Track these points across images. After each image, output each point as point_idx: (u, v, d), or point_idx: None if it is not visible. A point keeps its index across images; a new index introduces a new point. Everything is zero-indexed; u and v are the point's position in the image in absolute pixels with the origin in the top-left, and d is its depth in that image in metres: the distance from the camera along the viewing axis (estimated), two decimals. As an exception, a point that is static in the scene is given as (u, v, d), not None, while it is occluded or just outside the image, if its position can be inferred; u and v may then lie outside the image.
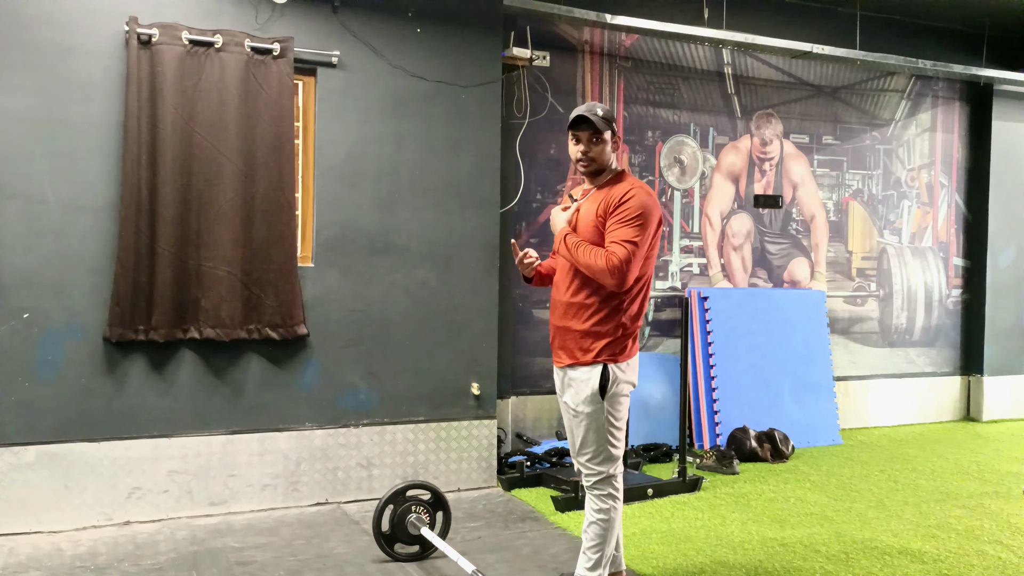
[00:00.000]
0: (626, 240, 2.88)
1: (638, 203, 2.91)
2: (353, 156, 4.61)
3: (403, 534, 3.67)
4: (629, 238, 2.88)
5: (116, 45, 4.09)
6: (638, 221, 2.90)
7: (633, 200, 2.92)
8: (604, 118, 2.99)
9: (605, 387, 2.98)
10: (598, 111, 2.99)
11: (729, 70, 6.43)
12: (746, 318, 6.27)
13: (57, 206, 4.01)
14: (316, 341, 4.53)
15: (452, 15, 4.81)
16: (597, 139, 3.00)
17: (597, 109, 2.99)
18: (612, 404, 3.01)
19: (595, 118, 2.96)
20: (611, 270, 2.87)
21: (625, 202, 2.92)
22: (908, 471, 5.50)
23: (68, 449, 4.05)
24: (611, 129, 3.02)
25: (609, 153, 3.04)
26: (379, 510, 3.64)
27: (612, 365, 2.99)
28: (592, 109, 2.99)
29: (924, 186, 7.28)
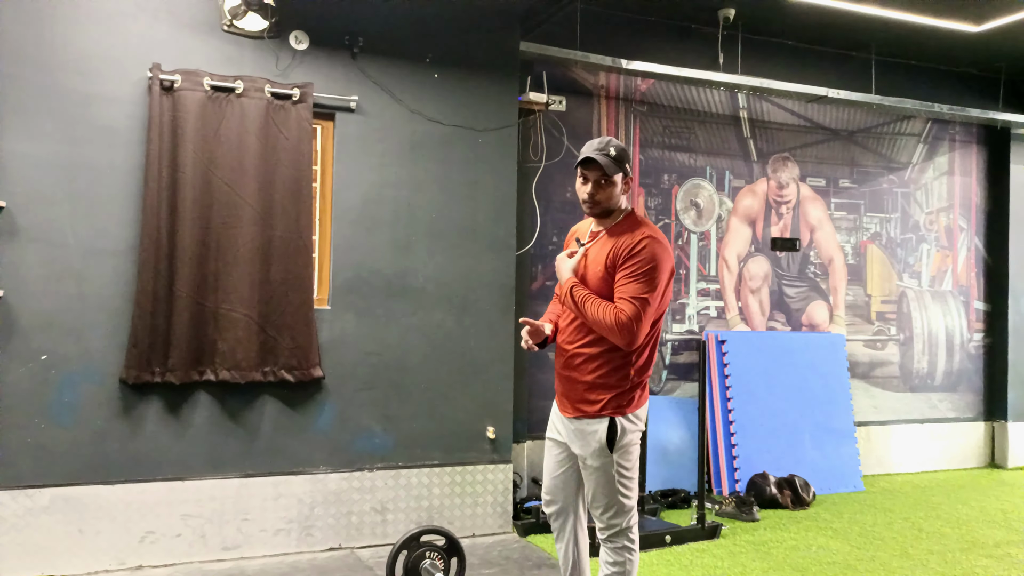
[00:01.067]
0: (635, 296, 2.71)
1: (649, 255, 2.74)
2: (370, 199, 4.64)
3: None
4: (639, 294, 2.71)
5: (139, 91, 4.16)
6: (649, 275, 2.73)
7: (644, 252, 2.74)
8: (616, 159, 2.82)
9: (613, 440, 2.83)
10: (611, 150, 2.82)
11: (745, 114, 6.46)
12: (765, 362, 6.21)
13: (77, 249, 4.06)
14: (331, 384, 4.52)
15: (469, 61, 4.87)
16: (606, 181, 2.83)
17: (611, 148, 2.83)
18: (622, 456, 2.86)
19: (605, 160, 2.79)
20: (620, 328, 2.70)
21: (636, 254, 2.74)
22: (932, 519, 5.39)
23: (83, 492, 4.03)
24: (623, 171, 2.85)
25: (618, 196, 2.87)
26: (393, 556, 3.59)
27: (619, 418, 2.84)
28: (605, 148, 2.83)
29: (943, 229, 7.24)
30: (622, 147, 2.86)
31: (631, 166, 2.91)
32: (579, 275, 2.91)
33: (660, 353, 6.12)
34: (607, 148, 2.83)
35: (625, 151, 2.87)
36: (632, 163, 2.94)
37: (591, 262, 2.88)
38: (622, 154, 2.84)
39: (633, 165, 6.02)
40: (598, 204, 2.86)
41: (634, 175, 2.96)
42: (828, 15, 5.83)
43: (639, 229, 2.82)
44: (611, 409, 2.83)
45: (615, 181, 2.84)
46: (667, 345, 6.16)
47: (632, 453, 2.91)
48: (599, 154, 2.81)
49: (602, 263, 2.83)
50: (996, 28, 5.99)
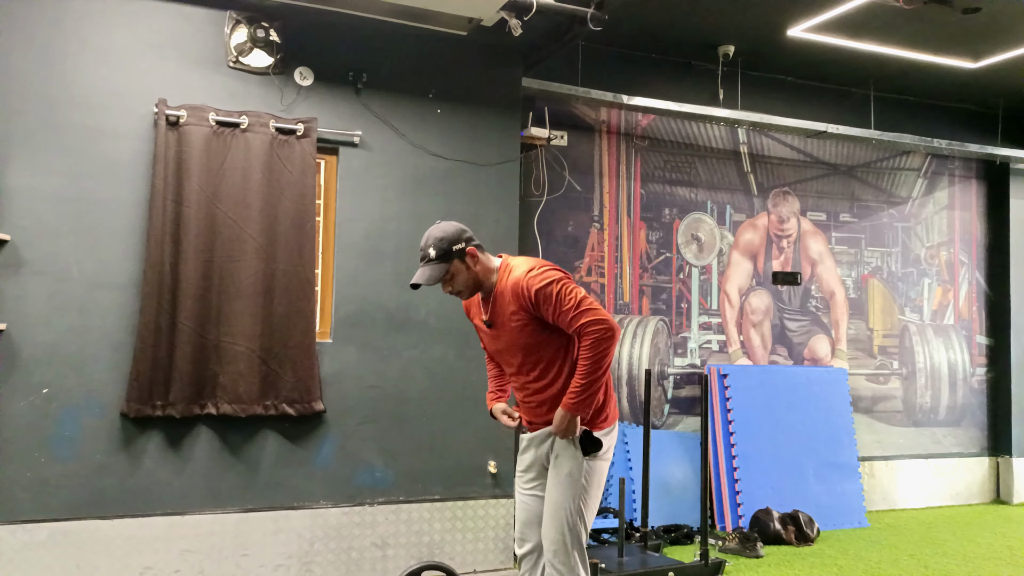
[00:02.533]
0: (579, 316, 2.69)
1: (546, 290, 2.72)
2: (373, 233, 4.66)
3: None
4: (578, 311, 2.69)
5: (145, 126, 4.20)
6: (564, 296, 2.71)
7: (541, 291, 2.72)
8: (439, 257, 2.77)
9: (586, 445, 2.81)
10: (431, 252, 2.78)
11: (745, 149, 6.50)
12: (767, 396, 6.19)
13: (81, 282, 4.07)
14: (332, 417, 4.50)
15: (472, 96, 4.92)
16: (451, 275, 2.82)
17: (430, 251, 2.78)
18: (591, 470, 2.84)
19: (428, 272, 2.78)
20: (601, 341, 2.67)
21: (538, 299, 2.73)
22: (939, 556, 5.33)
23: (81, 527, 4.00)
24: (457, 256, 2.79)
25: (472, 272, 2.83)
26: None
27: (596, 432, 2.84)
28: (425, 254, 2.78)
29: (944, 264, 7.25)
30: (440, 238, 2.79)
31: (463, 242, 2.81)
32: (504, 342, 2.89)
33: (662, 387, 6.10)
34: (427, 252, 2.79)
35: (445, 239, 2.78)
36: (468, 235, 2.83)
37: (503, 325, 2.86)
38: (443, 244, 2.78)
39: (635, 199, 6.07)
40: (460, 293, 2.88)
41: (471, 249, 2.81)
42: (827, 52, 5.90)
43: (514, 280, 2.79)
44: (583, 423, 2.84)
45: (458, 269, 2.81)
46: (669, 379, 6.15)
47: (599, 472, 2.88)
48: (423, 268, 2.79)
49: (514, 320, 2.81)
50: (993, 64, 6.05)
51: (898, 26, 5.41)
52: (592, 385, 2.72)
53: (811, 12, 5.25)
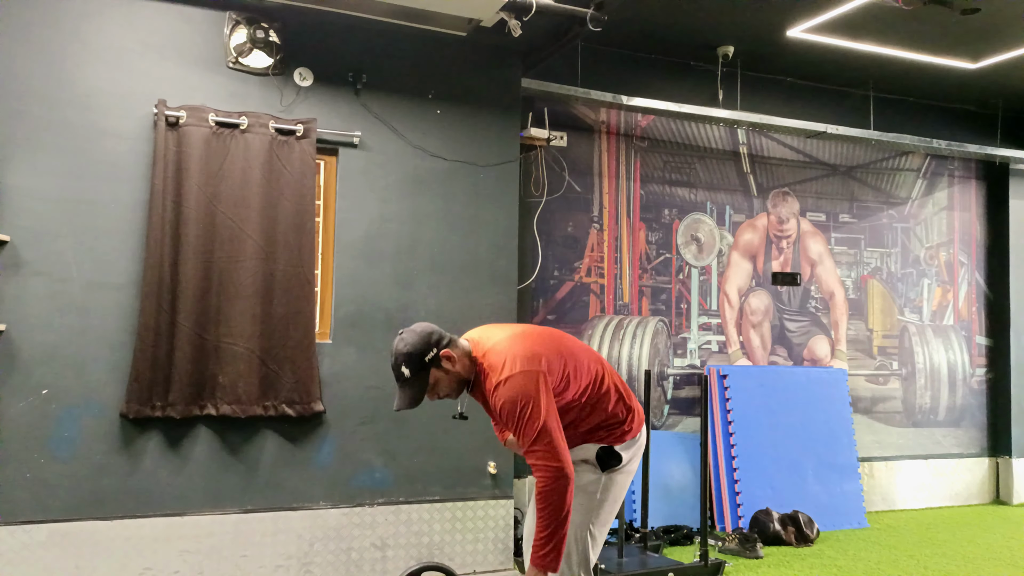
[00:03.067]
0: (530, 449, 2.50)
1: (509, 408, 2.51)
2: (372, 234, 4.66)
3: None
4: (532, 437, 2.48)
5: (144, 127, 4.20)
6: (526, 417, 2.49)
7: (504, 408, 2.53)
8: (413, 376, 2.59)
9: (606, 460, 2.71)
10: (403, 372, 2.59)
11: (744, 149, 6.51)
12: (767, 396, 6.19)
13: (80, 283, 4.07)
14: (332, 418, 4.50)
15: (471, 97, 4.92)
16: (432, 388, 2.64)
17: (402, 369, 2.59)
18: (608, 485, 2.73)
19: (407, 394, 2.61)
20: (549, 491, 2.46)
21: (503, 414, 2.54)
22: (938, 557, 5.33)
23: (80, 528, 4.00)
24: (431, 366, 2.60)
25: (452, 374, 2.63)
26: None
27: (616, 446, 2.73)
28: (399, 373, 2.60)
29: (943, 264, 7.25)
30: (409, 354, 2.59)
31: (432, 350, 2.60)
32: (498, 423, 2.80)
33: (662, 388, 6.11)
34: (401, 371, 2.61)
35: (414, 354, 2.58)
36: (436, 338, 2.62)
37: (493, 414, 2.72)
38: (414, 360, 2.59)
39: (635, 200, 6.07)
40: (451, 395, 2.70)
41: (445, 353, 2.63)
42: (826, 52, 5.90)
43: (489, 383, 2.60)
44: (598, 440, 2.73)
45: (437, 378, 2.63)
46: (669, 380, 6.15)
47: (618, 486, 2.77)
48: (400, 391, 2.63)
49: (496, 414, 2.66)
50: (992, 65, 6.05)
51: (897, 27, 5.42)
52: (556, 534, 2.47)
53: (810, 13, 5.25)
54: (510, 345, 2.63)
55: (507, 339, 2.67)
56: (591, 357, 2.78)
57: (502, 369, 2.56)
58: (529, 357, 2.58)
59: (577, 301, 5.86)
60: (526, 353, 2.59)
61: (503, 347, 2.63)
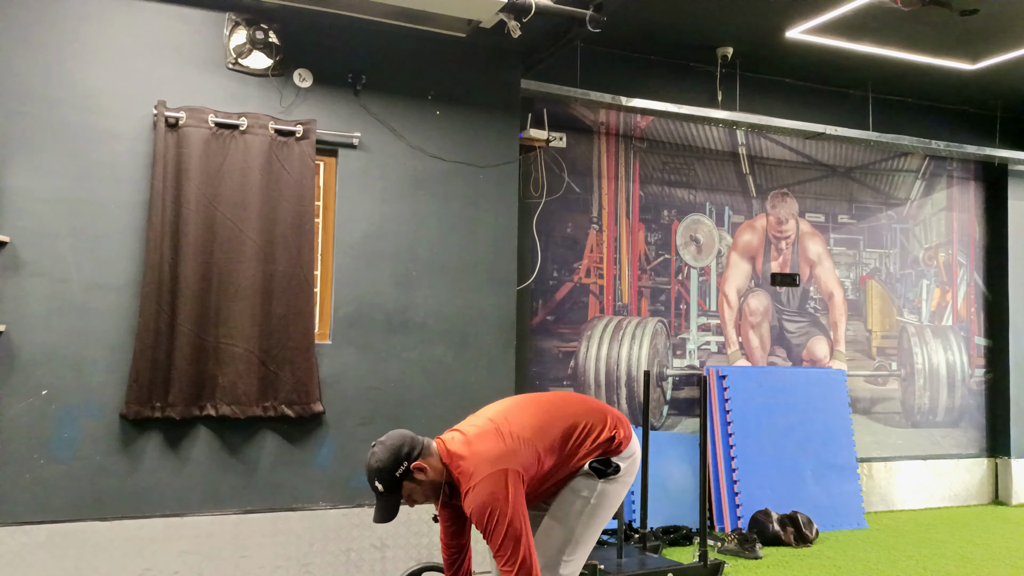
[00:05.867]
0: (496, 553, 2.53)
1: (479, 515, 2.54)
2: (372, 235, 4.66)
3: None
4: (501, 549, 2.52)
5: (143, 128, 4.21)
6: (492, 525, 2.53)
7: (474, 514, 2.56)
8: (387, 490, 2.63)
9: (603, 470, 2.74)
10: (379, 486, 2.64)
11: (743, 150, 6.51)
12: (766, 397, 6.20)
13: (79, 284, 4.07)
14: (331, 419, 4.51)
15: (471, 98, 4.92)
16: (408, 498, 2.68)
17: (377, 484, 2.64)
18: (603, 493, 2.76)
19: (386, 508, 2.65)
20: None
21: (472, 518, 2.59)
22: (937, 557, 5.34)
23: (80, 528, 4.00)
24: (405, 480, 2.63)
25: (426, 484, 2.66)
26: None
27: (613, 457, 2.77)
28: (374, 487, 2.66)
29: (942, 265, 7.26)
30: (380, 469, 2.64)
31: (404, 464, 2.63)
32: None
33: (661, 388, 6.11)
34: (377, 487, 2.66)
35: (385, 470, 2.63)
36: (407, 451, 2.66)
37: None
38: (385, 476, 2.63)
39: (633, 201, 6.07)
40: (428, 501, 2.73)
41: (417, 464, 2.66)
42: (825, 53, 5.91)
43: (462, 490, 2.64)
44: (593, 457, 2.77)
45: (411, 490, 2.67)
46: (668, 380, 6.15)
47: (613, 496, 2.79)
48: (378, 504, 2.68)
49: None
50: (991, 66, 6.06)
51: (896, 28, 5.42)
52: None
53: (809, 14, 5.25)
54: (477, 444, 2.66)
55: (475, 437, 2.69)
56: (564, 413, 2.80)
57: (470, 476, 2.59)
58: (495, 457, 2.61)
59: (576, 302, 5.87)
60: (491, 453, 2.62)
61: (471, 449, 2.66)
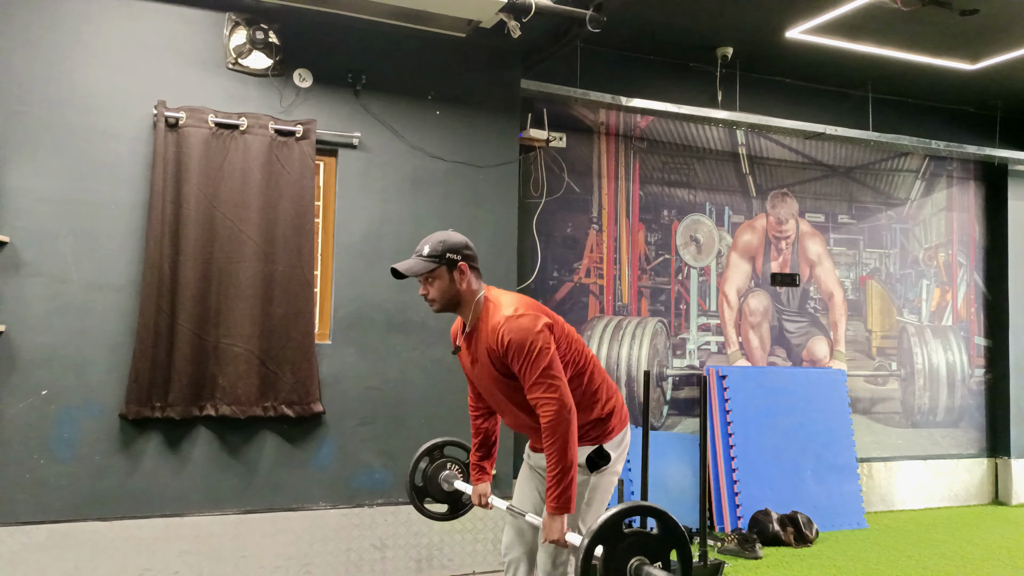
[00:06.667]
0: (536, 381, 2.59)
1: (518, 343, 2.59)
2: (372, 234, 4.66)
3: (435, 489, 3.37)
4: (543, 380, 2.58)
5: (143, 128, 4.21)
6: (532, 359, 2.58)
7: (514, 342, 2.60)
8: (430, 256, 2.67)
9: (596, 461, 2.76)
10: (424, 249, 2.69)
11: (743, 150, 6.51)
12: (766, 397, 6.20)
13: (80, 284, 4.07)
14: (331, 419, 4.51)
15: (471, 98, 4.92)
16: (430, 278, 2.71)
17: (425, 247, 2.69)
18: (596, 487, 2.78)
19: (413, 262, 2.69)
20: (555, 425, 2.54)
21: (509, 349, 2.61)
22: (937, 557, 5.34)
23: (80, 529, 4.00)
24: (445, 263, 2.68)
25: (455, 287, 2.71)
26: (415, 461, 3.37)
27: (604, 445, 2.79)
28: (420, 248, 2.70)
29: (942, 265, 7.26)
30: (441, 240, 2.70)
31: (460, 255, 2.71)
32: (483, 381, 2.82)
33: (661, 389, 6.11)
34: (422, 248, 2.71)
35: (446, 243, 2.70)
36: (468, 251, 2.73)
37: (480, 365, 2.78)
38: (439, 247, 2.69)
39: (633, 201, 6.07)
40: (433, 302, 2.75)
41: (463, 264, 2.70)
42: (825, 53, 5.91)
43: (495, 319, 2.67)
44: (590, 441, 2.78)
45: (439, 275, 2.70)
46: (668, 380, 6.15)
47: (604, 488, 2.80)
48: (413, 258, 2.72)
49: (488, 365, 2.73)
50: (991, 66, 6.06)
51: (896, 28, 5.42)
52: (566, 474, 2.55)
53: (809, 14, 5.25)
54: (522, 297, 2.78)
55: (518, 294, 2.82)
56: (585, 347, 2.87)
57: (513, 313, 2.65)
58: (540, 309, 2.73)
59: (576, 302, 5.87)
60: (538, 307, 2.74)
61: (514, 296, 2.77)
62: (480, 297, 2.75)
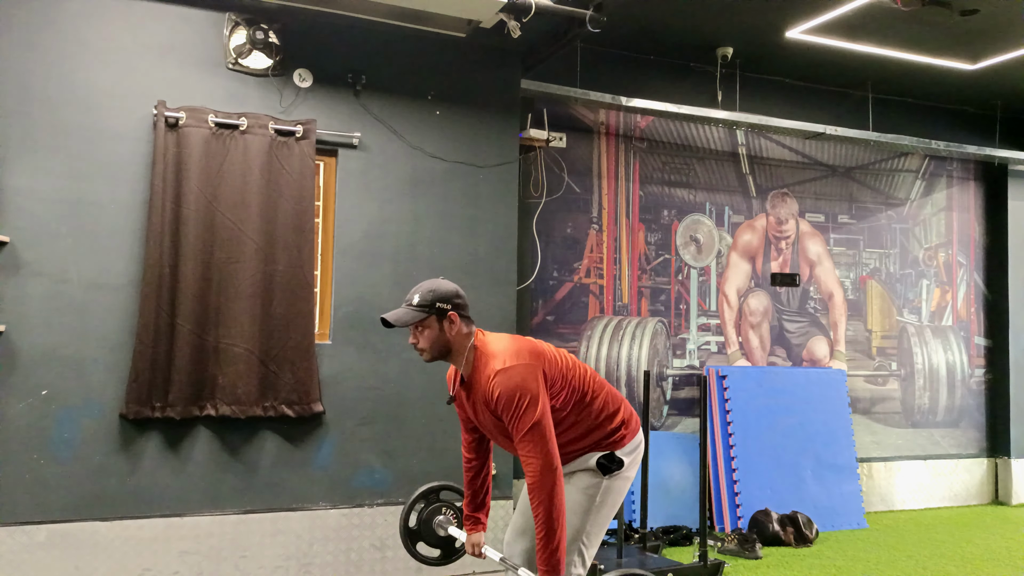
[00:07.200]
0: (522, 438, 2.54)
1: (508, 396, 2.55)
2: (371, 234, 4.66)
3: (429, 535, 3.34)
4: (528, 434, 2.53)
5: (144, 128, 4.21)
6: (521, 410, 2.54)
7: (502, 396, 2.56)
8: (420, 305, 2.63)
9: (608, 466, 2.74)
10: (414, 298, 2.65)
11: (743, 150, 6.51)
12: (766, 397, 6.20)
13: (80, 284, 4.07)
14: (331, 419, 4.51)
15: (471, 98, 4.92)
16: (420, 327, 2.67)
17: (415, 296, 2.65)
18: (608, 490, 2.75)
19: (402, 312, 2.65)
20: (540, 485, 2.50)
21: (499, 403, 2.57)
22: (937, 557, 5.34)
23: (80, 528, 4.00)
24: (434, 312, 2.64)
25: (444, 335, 2.67)
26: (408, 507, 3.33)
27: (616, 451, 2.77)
28: (410, 298, 2.66)
29: (942, 265, 7.26)
30: (431, 290, 2.67)
31: (450, 304, 2.66)
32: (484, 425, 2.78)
33: (661, 389, 6.11)
34: (412, 297, 2.67)
35: (435, 292, 2.66)
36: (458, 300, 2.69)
37: (481, 412, 2.73)
38: (429, 296, 2.65)
39: (633, 202, 6.07)
40: (423, 351, 2.71)
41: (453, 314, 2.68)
42: (825, 54, 5.91)
43: (487, 371, 2.63)
44: (603, 448, 2.77)
45: (428, 325, 2.66)
46: (668, 380, 6.15)
47: (617, 492, 2.79)
48: (403, 308, 2.68)
49: (489, 415, 2.69)
50: (991, 66, 6.06)
51: (896, 28, 5.42)
52: (553, 535, 2.49)
53: (809, 14, 5.25)
54: (513, 341, 2.72)
55: (509, 337, 2.76)
56: (582, 368, 2.83)
57: (504, 359, 2.62)
58: (532, 352, 2.66)
59: (576, 302, 5.87)
60: (529, 348, 2.68)
61: (506, 342, 2.71)
62: (471, 344, 2.70)
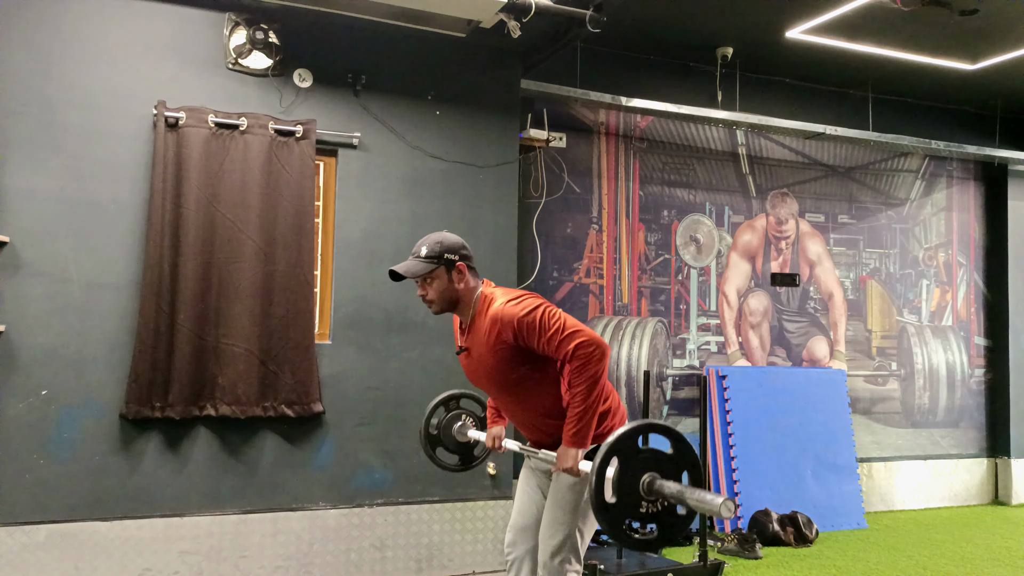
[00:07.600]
0: (564, 336, 2.62)
1: (530, 318, 2.63)
2: (371, 234, 4.66)
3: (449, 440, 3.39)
4: (563, 331, 2.62)
5: (143, 128, 4.21)
6: (547, 318, 2.64)
7: (524, 320, 2.64)
8: (427, 257, 2.72)
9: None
10: (422, 250, 2.74)
11: (743, 150, 6.51)
12: (766, 397, 6.20)
13: (80, 284, 4.07)
14: (331, 419, 4.51)
15: (471, 98, 4.93)
16: (429, 279, 2.75)
17: (422, 248, 2.74)
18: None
19: (410, 264, 2.73)
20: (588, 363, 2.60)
21: (521, 330, 2.64)
22: (937, 557, 5.34)
23: (80, 528, 4.00)
24: (443, 263, 2.73)
25: (452, 286, 2.75)
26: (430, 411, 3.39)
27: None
28: (418, 250, 2.75)
29: (942, 265, 7.26)
30: (439, 241, 2.75)
31: (457, 255, 2.75)
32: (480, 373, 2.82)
33: (661, 388, 6.11)
34: (419, 249, 2.75)
35: (443, 243, 2.74)
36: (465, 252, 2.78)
37: (480, 357, 2.78)
38: (437, 248, 2.73)
39: (633, 201, 6.07)
40: (432, 303, 2.79)
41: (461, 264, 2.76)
42: (825, 54, 5.91)
43: (493, 309, 2.71)
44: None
45: (437, 276, 2.74)
46: (667, 380, 6.15)
47: None
48: (410, 260, 2.76)
49: (485, 356, 2.75)
50: (991, 66, 6.06)
51: (896, 28, 5.42)
52: (588, 412, 2.63)
53: (809, 14, 5.25)
54: (512, 289, 2.85)
55: (509, 288, 2.88)
56: None
57: (509, 300, 2.70)
58: (534, 293, 2.78)
59: (576, 302, 5.87)
60: (530, 292, 2.79)
61: (506, 289, 2.82)
62: (478, 294, 2.80)
